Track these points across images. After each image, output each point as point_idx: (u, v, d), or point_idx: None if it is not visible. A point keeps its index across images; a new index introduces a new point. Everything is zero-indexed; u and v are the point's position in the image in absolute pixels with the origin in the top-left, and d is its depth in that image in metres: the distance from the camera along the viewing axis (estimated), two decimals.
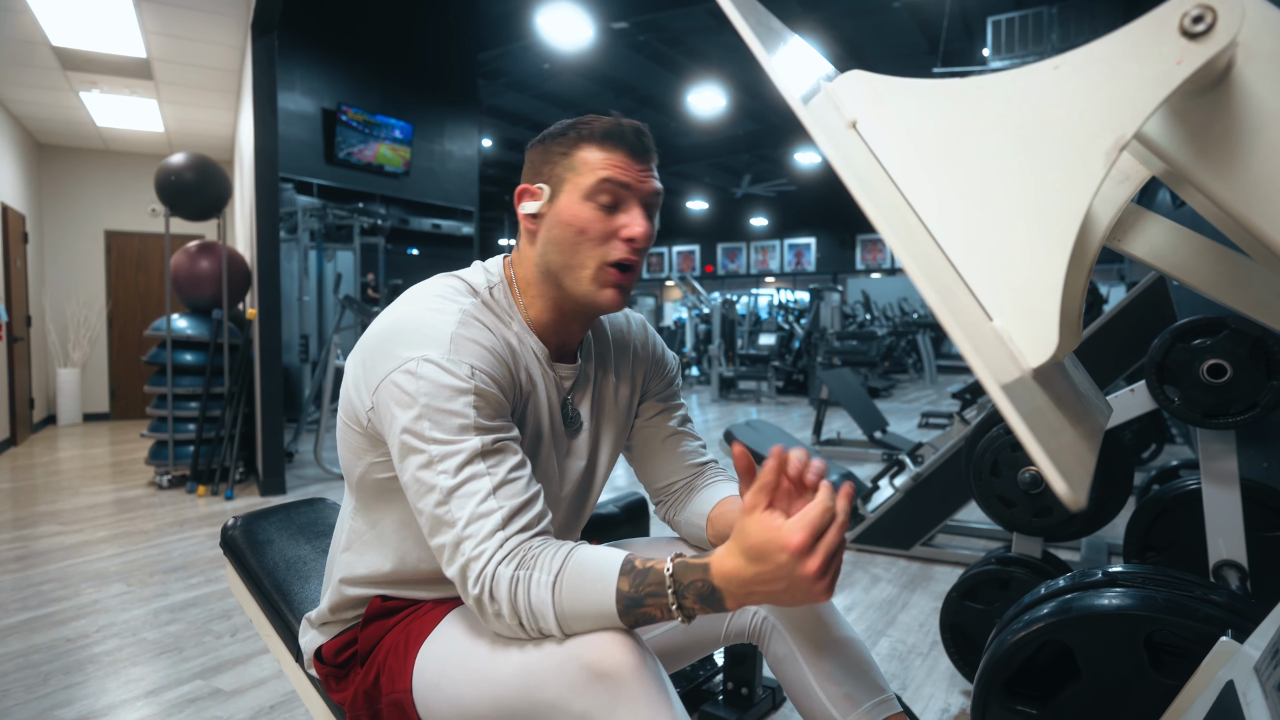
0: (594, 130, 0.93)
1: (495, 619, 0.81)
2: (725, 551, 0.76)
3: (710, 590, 0.76)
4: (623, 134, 0.93)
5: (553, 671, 0.79)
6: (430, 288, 0.96)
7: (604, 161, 0.92)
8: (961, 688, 2.01)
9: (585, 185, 0.92)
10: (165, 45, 4.72)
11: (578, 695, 0.77)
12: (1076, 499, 0.44)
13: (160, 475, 4.44)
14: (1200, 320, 1.60)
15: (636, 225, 0.92)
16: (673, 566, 0.77)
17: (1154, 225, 0.79)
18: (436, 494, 0.82)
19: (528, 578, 0.79)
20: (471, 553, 0.80)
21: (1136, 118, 0.52)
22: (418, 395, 0.83)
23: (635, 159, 0.93)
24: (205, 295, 4.61)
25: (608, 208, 0.92)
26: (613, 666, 0.76)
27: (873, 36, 9.30)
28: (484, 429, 0.84)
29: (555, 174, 0.94)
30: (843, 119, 0.63)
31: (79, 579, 2.88)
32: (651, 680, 0.77)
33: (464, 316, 0.90)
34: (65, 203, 7.15)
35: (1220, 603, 0.95)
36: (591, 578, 0.79)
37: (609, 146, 0.93)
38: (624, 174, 0.92)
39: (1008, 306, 0.58)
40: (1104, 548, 2.94)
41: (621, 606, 0.78)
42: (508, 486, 0.83)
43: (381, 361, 0.87)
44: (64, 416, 7.08)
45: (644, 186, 0.94)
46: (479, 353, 0.87)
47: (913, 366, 12.40)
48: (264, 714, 1.87)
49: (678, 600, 0.77)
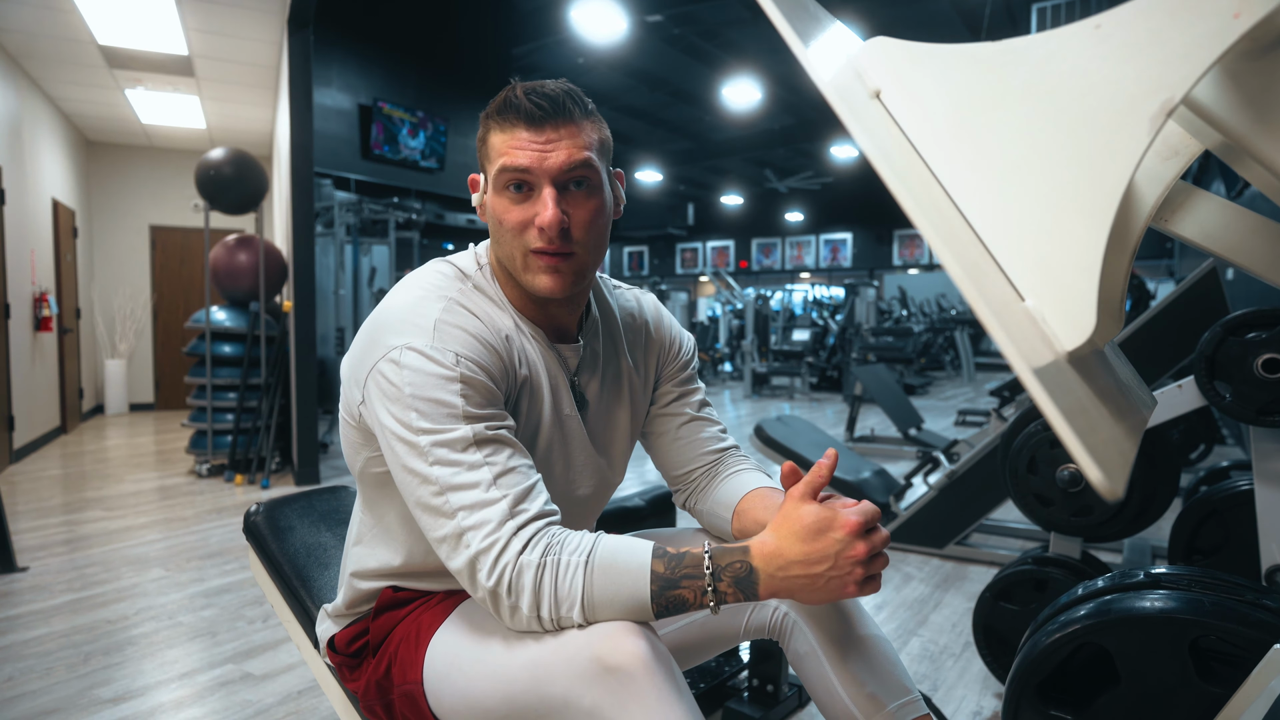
0: (494, 108, 0.87)
1: (511, 612, 0.78)
2: (767, 534, 0.79)
3: (748, 572, 0.77)
4: (515, 106, 0.85)
5: (563, 665, 0.76)
6: (419, 276, 0.94)
7: (503, 145, 0.86)
8: (994, 690, 1.95)
9: (493, 176, 0.87)
10: (206, 42, 4.81)
11: (588, 689, 0.75)
12: (1113, 489, 0.40)
13: (200, 464, 4.54)
14: (1255, 312, 1.52)
15: (544, 212, 0.85)
16: (711, 549, 0.78)
17: (1205, 204, 0.74)
18: (432, 486, 0.80)
19: (555, 562, 0.77)
20: (480, 544, 0.78)
21: (1187, 78, 0.47)
22: (403, 385, 0.81)
23: (534, 128, 0.85)
24: (243, 288, 4.69)
25: (519, 193, 0.87)
26: (623, 660, 0.74)
27: (913, 24, 9.12)
28: (474, 417, 0.81)
29: (482, 163, 0.91)
30: (866, 89, 0.60)
31: (121, 563, 2.95)
32: (663, 675, 0.75)
33: (449, 304, 0.88)
34: (112, 198, 7.35)
35: (1274, 608, 0.89)
36: (625, 559, 0.78)
37: (504, 124, 0.86)
38: (522, 155, 0.84)
39: (1041, 286, 0.54)
40: (1147, 550, 2.84)
41: (656, 588, 0.77)
42: (508, 475, 0.80)
43: (369, 353, 0.86)
44: (111, 406, 7.29)
45: (549, 164, 0.85)
46: (464, 339, 0.85)
47: (950, 364, 12.17)
48: (292, 699, 1.89)
49: (714, 583, 0.77)
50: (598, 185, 0.90)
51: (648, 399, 1.10)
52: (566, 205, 0.87)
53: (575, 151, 0.86)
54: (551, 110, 0.85)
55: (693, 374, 1.14)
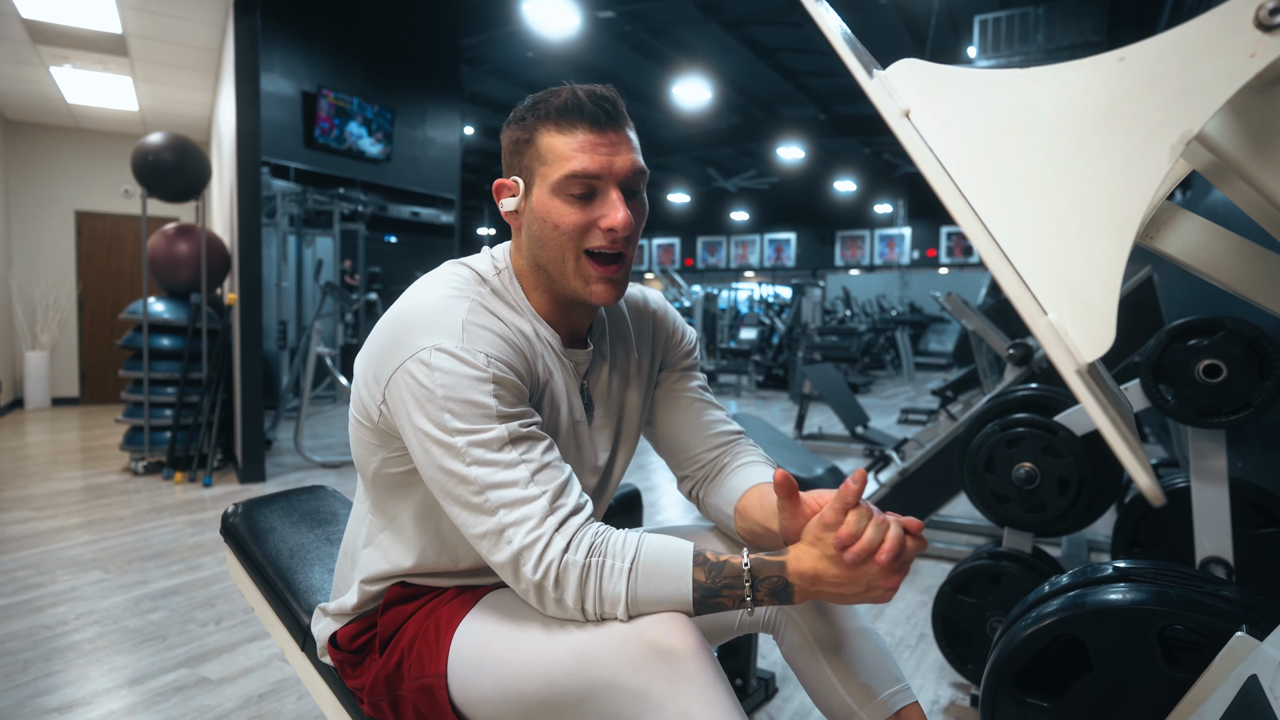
0: (550, 110, 0.87)
1: (556, 605, 0.81)
2: (803, 554, 0.81)
3: (784, 586, 0.81)
4: (580, 107, 0.86)
5: (612, 649, 0.78)
6: (438, 277, 0.93)
7: (567, 149, 0.85)
8: (950, 679, 2.03)
9: (553, 179, 0.86)
10: (142, 21, 4.60)
11: (637, 672, 0.77)
12: (1158, 494, 0.44)
13: (136, 461, 4.34)
14: (1197, 321, 1.62)
15: (615, 214, 0.86)
16: (750, 562, 0.81)
17: (1188, 223, 0.79)
18: (471, 485, 0.80)
19: (600, 565, 0.79)
20: (524, 540, 0.79)
21: (1205, 111, 0.51)
22: (434, 387, 0.80)
23: (599, 131, 0.86)
24: (183, 279, 4.51)
25: (582, 198, 0.87)
26: (675, 644, 0.77)
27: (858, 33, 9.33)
28: (508, 416, 0.82)
29: (525, 165, 0.90)
30: (897, 107, 0.62)
31: (54, 565, 2.81)
32: (710, 662, 0.79)
33: (473, 305, 0.87)
34: (33, 182, 6.96)
35: (1233, 599, 0.96)
36: (668, 566, 0.80)
37: (567, 127, 0.86)
38: (591, 160, 0.85)
39: (1065, 301, 0.57)
40: (1084, 544, 2.99)
41: (698, 596, 0.80)
42: (545, 471, 0.82)
43: (392, 353, 0.85)
44: (31, 400, 6.91)
45: (617, 168, 0.86)
46: (493, 340, 0.85)
47: (891, 363, 12.52)
48: (253, 703, 1.84)
49: (752, 593, 0.81)
50: (642, 190, 0.92)
51: (649, 393, 1.11)
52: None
53: (635, 157, 0.88)
54: (613, 113, 0.87)
55: (695, 362, 1.15)
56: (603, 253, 0.89)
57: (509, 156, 0.92)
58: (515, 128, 0.90)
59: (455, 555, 0.95)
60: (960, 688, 2.00)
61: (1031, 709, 1.06)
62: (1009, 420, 1.89)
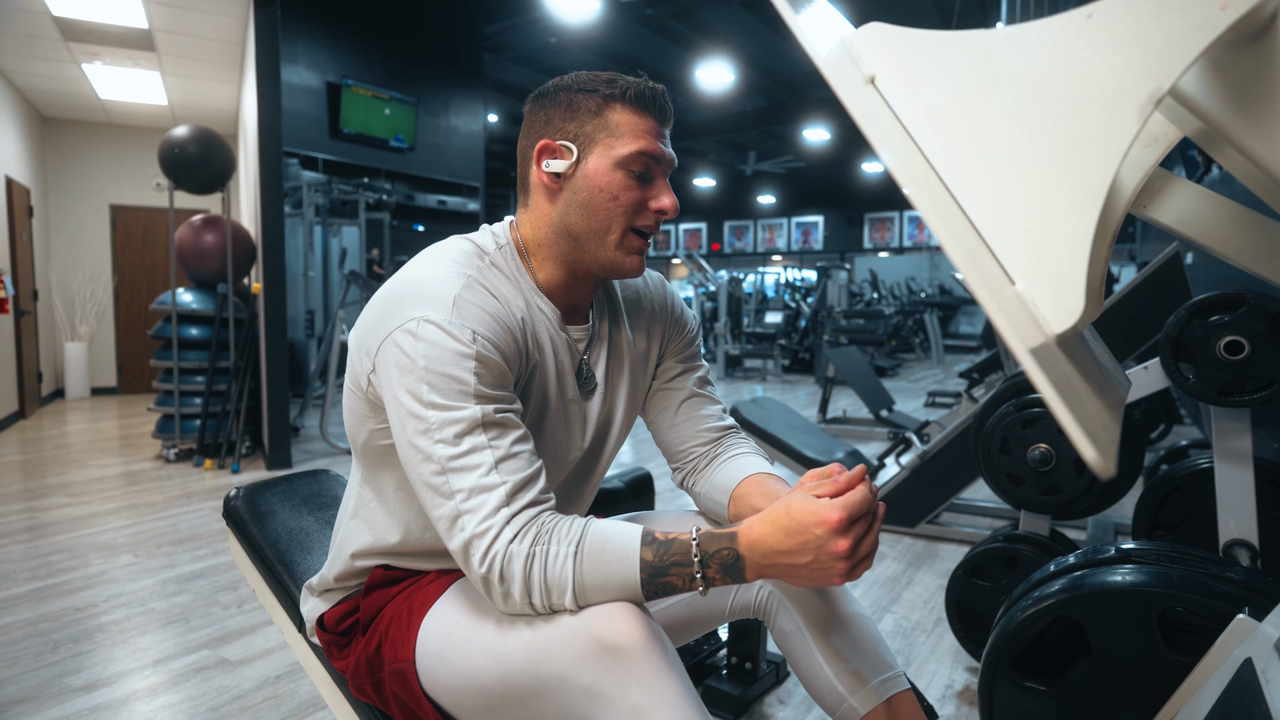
0: (627, 92, 0.91)
1: (503, 598, 0.80)
2: (756, 520, 0.79)
3: (735, 559, 0.78)
4: (655, 100, 0.93)
5: (561, 645, 0.77)
6: (438, 250, 0.94)
7: (639, 129, 0.91)
8: (965, 664, 2.01)
9: (620, 154, 0.90)
10: (167, 15, 4.66)
11: (586, 668, 0.76)
12: (1106, 467, 0.42)
13: (167, 449, 4.45)
14: (1218, 296, 1.56)
15: (666, 198, 0.93)
16: (698, 536, 0.79)
17: (1182, 190, 0.76)
18: (434, 463, 0.80)
19: (544, 552, 0.78)
20: (475, 529, 0.78)
21: (1175, 68, 0.49)
22: (417, 357, 0.81)
23: (661, 124, 0.94)
24: (210, 269, 4.59)
25: (639, 176, 0.92)
26: (622, 640, 0.75)
27: (885, 10, 9.15)
28: (485, 397, 0.82)
29: (584, 133, 0.91)
30: (861, 74, 0.60)
31: (87, 550, 2.89)
32: (660, 654, 0.76)
33: (469, 280, 0.88)
34: (70, 176, 7.13)
35: (1236, 580, 0.93)
36: (614, 548, 0.79)
37: (639, 111, 0.92)
38: (656, 146, 0.92)
39: (1031, 270, 0.55)
40: (1110, 526, 2.92)
41: (645, 576, 0.78)
42: (510, 461, 0.81)
43: (383, 322, 0.85)
44: (72, 390, 7.11)
45: (667, 159, 0.94)
46: (482, 318, 0.85)
47: (919, 346, 12.34)
48: (269, 684, 1.88)
49: (702, 569, 0.79)
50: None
51: (650, 376, 1.11)
52: None
53: (674, 154, 0.95)
54: (670, 114, 0.95)
55: (696, 351, 1.14)
56: (644, 230, 0.94)
57: (560, 122, 0.92)
58: (580, 96, 0.91)
59: (437, 534, 0.95)
60: (975, 672, 1.97)
61: (1030, 693, 1.04)
62: (1024, 400, 1.84)
